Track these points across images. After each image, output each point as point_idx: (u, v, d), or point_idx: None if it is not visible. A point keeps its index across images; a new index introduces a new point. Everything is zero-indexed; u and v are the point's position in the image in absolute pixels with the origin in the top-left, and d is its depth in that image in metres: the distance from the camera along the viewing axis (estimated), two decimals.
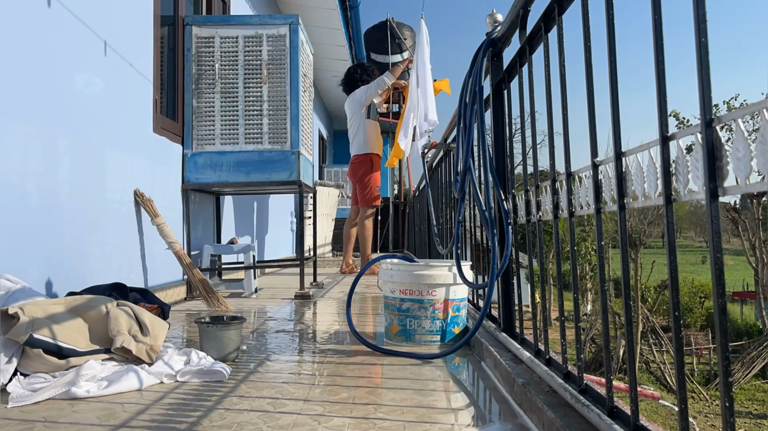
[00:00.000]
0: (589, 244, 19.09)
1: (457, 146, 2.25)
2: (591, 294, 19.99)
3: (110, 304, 1.76)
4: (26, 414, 1.34)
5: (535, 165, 1.58)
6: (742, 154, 0.72)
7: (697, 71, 0.79)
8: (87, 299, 1.76)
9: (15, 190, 2.00)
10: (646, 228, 17.28)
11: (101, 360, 1.64)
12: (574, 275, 1.27)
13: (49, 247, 2.20)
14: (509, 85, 1.93)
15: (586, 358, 13.93)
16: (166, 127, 3.38)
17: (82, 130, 2.45)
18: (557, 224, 1.42)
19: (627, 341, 1.08)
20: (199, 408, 1.38)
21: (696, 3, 0.79)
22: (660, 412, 11.50)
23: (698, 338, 19.30)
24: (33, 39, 2.11)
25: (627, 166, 1.02)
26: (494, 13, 2.09)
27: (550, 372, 1.33)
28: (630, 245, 14.71)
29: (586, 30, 1.16)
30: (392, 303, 2.19)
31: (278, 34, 3.62)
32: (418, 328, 2.13)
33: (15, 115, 2.00)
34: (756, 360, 14.45)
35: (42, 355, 1.53)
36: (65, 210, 2.31)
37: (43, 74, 2.17)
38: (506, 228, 1.88)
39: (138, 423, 1.27)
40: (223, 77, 3.61)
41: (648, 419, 0.98)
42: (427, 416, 1.34)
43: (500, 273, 1.93)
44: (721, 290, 0.77)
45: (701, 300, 23.34)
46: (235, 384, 1.61)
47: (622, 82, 2.02)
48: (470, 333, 1.97)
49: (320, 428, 1.24)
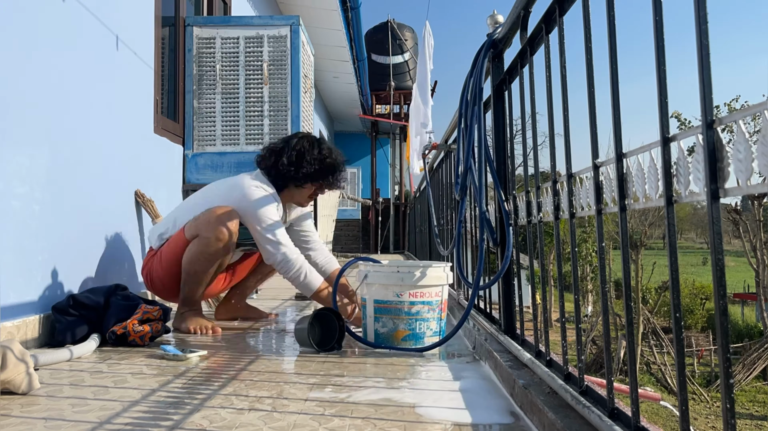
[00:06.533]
0: (590, 245, 19.07)
1: (458, 147, 2.25)
2: (592, 296, 19.98)
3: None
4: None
5: (536, 166, 1.58)
6: (743, 155, 0.72)
7: (698, 73, 0.79)
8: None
9: (15, 192, 2.00)
10: (647, 230, 17.27)
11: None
12: (574, 276, 1.27)
13: (50, 249, 2.20)
14: (510, 86, 1.93)
15: (587, 359, 13.90)
16: (166, 127, 3.39)
17: (83, 130, 2.45)
18: (558, 225, 1.42)
19: (628, 342, 1.08)
20: (199, 408, 1.38)
21: (697, 4, 0.79)
22: (661, 414, 11.49)
23: (699, 339, 19.29)
24: (32, 39, 2.11)
25: (628, 168, 1.02)
26: (495, 14, 2.09)
27: (550, 374, 1.33)
28: (631, 246, 14.69)
29: (587, 31, 1.16)
30: (397, 307, 2.07)
31: (279, 34, 3.62)
32: (426, 330, 2.10)
33: (15, 115, 2.00)
34: (757, 361, 14.43)
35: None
36: (66, 211, 2.31)
37: (43, 74, 2.17)
38: (507, 230, 1.88)
39: (124, 420, 1.27)
40: (223, 78, 3.61)
41: (649, 420, 0.98)
42: (427, 416, 1.34)
43: (501, 275, 1.93)
44: (722, 291, 0.77)
45: (702, 302, 23.32)
46: (236, 384, 1.61)
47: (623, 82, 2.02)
48: (461, 321, 2.00)
49: (321, 429, 1.24)
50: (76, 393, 1.53)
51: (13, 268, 1.99)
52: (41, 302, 2.14)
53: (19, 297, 2.01)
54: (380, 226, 12.47)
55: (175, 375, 1.71)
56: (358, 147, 13.79)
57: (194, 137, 3.59)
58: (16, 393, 1.49)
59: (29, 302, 2.08)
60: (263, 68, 3.61)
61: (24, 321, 2.01)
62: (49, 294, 2.20)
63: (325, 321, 2.13)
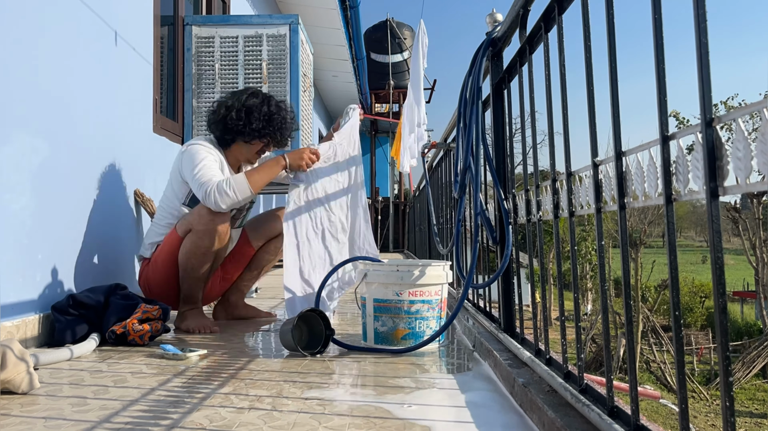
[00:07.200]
0: (590, 244, 19.09)
1: (457, 145, 2.25)
2: (591, 294, 20.00)
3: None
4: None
5: (536, 164, 1.58)
6: (742, 153, 0.72)
7: (697, 71, 0.79)
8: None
9: (15, 191, 2.00)
10: (646, 228, 17.29)
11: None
12: (574, 275, 1.27)
13: (49, 248, 2.20)
14: (509, 84, 1.93)
15: (587, 358, 13.92)
16: (166, 127, 3.38)
17: (82, 129, 2.44)
18: (557, 224, 1.42)
19: (627, 340, 1.08)
20: (199, 407, 1.38)
21: (696, 2, 0.79)
22: (660, 412, 11.51)
23: (699, 337, 19.31)
24: (32, 39, 2.11)
25: (627, 166, 1.02)
26: (494, 12, 2.09)
27: (550, 372, 1.33)
28: (630, 245, 14.71)
29: (586, 29, 1.16)
30: (396, 306, 2.08)
31: (278, 33, 3.61)
32: (426, 329, 2.10)
33: (15, 116, 2.00)
34: (756, 359, 14.46)
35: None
36: (66, 210, 2.31)
37: (43, 74, 2.16)
38: (506, 228, 1.88)
39: (124, 420, 1.27)
40: (223, 77, 3.61)
41: (648, 419, 0.98)
42: (427, 415, 1.34)
43: (500, 273, 1.93)
44: (721, 289, 0.77)
45: (702, 300, 23.34)
46: (236, 383, 1.61)
47: (622, 81, 2.02)
48: (453, 313, 2.06)
49: (321, 428, 1.24)
50: (76, 392, 1.53)
51: (13, 268, 1.99)
52: (41, 301, 2.14)
53: (18, 296, 2.01)
54: (380, 225, 12.47)
55: (174, 375, 1.72)
56: None
57: (193, 136, 3.58)
58: (16, 393, 1.49)
59: (29, 301, 2.08)
60: (262, 67, 3.61)
61: (23, 320, 2.01)
62: (49, 293, 2.19)
63: (310, 324, 2.11)
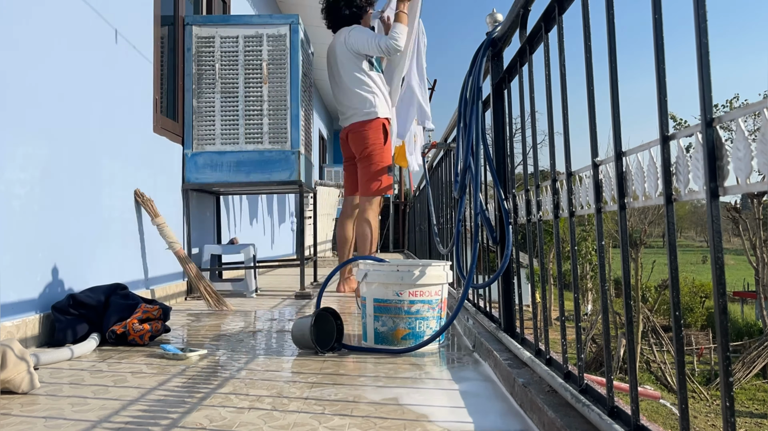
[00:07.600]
0: (590, 244, 19.09)
1: (457, 145, 2.25)
2: (591, 294, 20.00)
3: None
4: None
5: (536, 164, 1.58)
6: (742, 153, 0.72)
7: (697, 71, 0.79)
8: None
9: (15, 191, 2.00)
10: (646, 228, 17.29)
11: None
12: (574, 275, 1.27)
13: (50, 248, 2.20)
14: (509, 84, 1.93)
15: (587, 358, 13.91)
16: (166, 126, 3.38)
17: (82, 129, 2.45)
18: (557, 224, 1.42)
19: (627, 341, 1.08)
20: (199, 407, 1.38)
21: (696, 2, 0.79)
22: (660, 412, 11.50)
23: (699, 338, 19.30)
24: (32, 39, 2.11)
25: (627, 166, 1.02)
26: (494, 12, 2.09)
27: (550, 372, 1.33)
28: (630, 245, 14.67)
29: (586, 29, 1.16)
30: (396, 306, 2.08)
31: (278, 33, 3.61)
32: (426, 329, 2.10)
33: (15, 116, 2.00)
34: (756, 359, 14.45)
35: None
36: (66, 211, 2.31)
37: (43, 73, 2.17)
38: (506, 228, 1.88)
39: (124, 419, 1.27)
40: (223, 77, 3.61)
41: (648, 419, 0.98)
42: (427, 415, 1.34)
43: (500, 273, 1.93)
44: (721, 290, 0.77)
45: (702, 300, 23.33)
46: (236, 383, 1.61)
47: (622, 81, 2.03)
48: (454, 314, 2.07)
49: (321, 428, 1.24)
50: (76, 392, 1.53)
51: (13, 267, 1.99)
52: (41, 301, 2.14)
53: (18, 296, 2.01)
54: (380, 225, 12.47)
55: (174, 374, 1.72)
56: None
57: (193, 136, 3.59)
58: (16, 393, 1.50)
59: (29, 301, 2.08)
60: (263, 67, 3.60)
61: (24, 320, 2.01)
62: (49, 293, 2.20)
63: (322, 322, 2.13)
